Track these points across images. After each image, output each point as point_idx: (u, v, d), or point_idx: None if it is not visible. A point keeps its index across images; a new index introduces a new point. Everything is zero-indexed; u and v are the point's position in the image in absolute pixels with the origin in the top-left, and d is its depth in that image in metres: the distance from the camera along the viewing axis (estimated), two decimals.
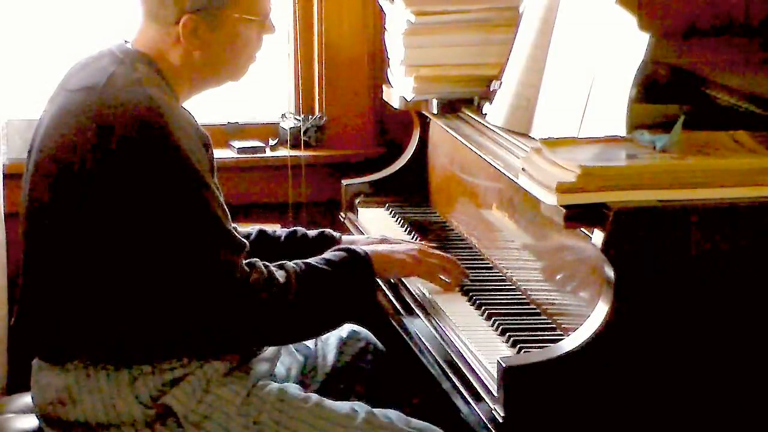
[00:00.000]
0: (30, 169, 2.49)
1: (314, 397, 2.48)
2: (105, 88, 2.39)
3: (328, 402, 2.47)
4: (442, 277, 2.66)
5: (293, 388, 2.50)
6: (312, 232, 2.85)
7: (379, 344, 2.88)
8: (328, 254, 2.52)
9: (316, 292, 2.45)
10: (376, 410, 2.48)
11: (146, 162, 2.33)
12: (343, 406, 2.47)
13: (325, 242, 2.80)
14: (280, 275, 2.42)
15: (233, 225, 2.74)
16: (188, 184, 2.34)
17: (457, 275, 2.67)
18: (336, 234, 2.86)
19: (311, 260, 2.49)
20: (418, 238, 3.00)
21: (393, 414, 2.48)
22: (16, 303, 2.53)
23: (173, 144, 2.33)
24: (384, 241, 2.80)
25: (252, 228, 2.82)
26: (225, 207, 2.41)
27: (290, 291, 2.41)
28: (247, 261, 2.40)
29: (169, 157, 2.33)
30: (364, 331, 2.88)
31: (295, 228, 2.86)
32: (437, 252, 2.71)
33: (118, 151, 2.33)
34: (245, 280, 2.37)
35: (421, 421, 2.50)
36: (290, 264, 2.46)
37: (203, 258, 2.34)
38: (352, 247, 2.56)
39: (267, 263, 2.43)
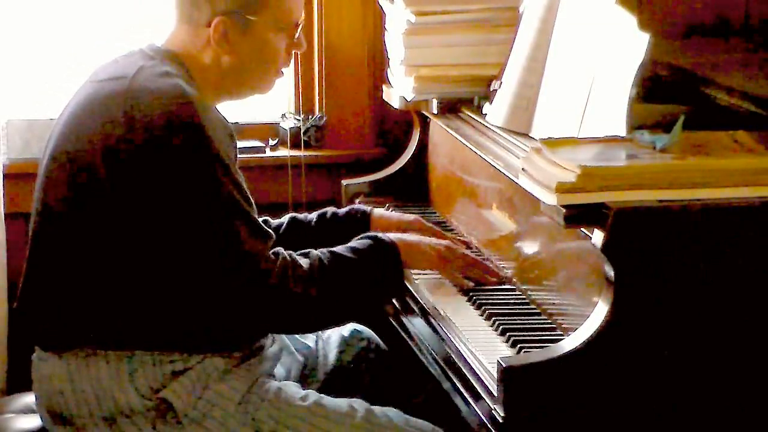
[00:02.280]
0: (48, 156, 2.49)
1: (313, 394, 2.48)
2: (134, 78, 2.41)
3: (327, 399, 2.47)
4: (465, 280, 2.66)
5: (292, 386, 2.51)
6: (341, 210, 2.87)
7: (381, 343, 2.88)
8: (354, 242, 2.53)
9: (340, 280, 2.45)
10: (374, 408, 2.48)
11: (172, 149, 2.34)
12: (341, 403, 2.47)
13: (356, 218, 2.83)
14: (304, 263, 2.43)
15: (266, 217, 2.77)
16: (213, 171, 2.35)
17: (484, 276, 2.67)
18: (366, 208, 2.88)
19: (337, 248, 2.50)
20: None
21: (392, 412, 2.49)
22: (18, 286, 2.53)
23: (201, 132, 2.34)
24: (417, 222, 2.83)
25: (284, 217, 2.85)
26: (250, 197, 2.43)
27: (315, 279, 2.42)
28: (271, 251, 2.41)
29: (196, 145, 2.34)
30: (366, 330, 2.88)
31: (325, 209, 2.88)
32: (465, 252, 2.71)
33: (145, 137, 2.34)
34: (270, 270, 2.37)
35: (419, 420, 2.51)
36: (315, 252, 2.47)
37: (225, 246, 2.35)
38: (379, 235, 2.56)
39: (291, 252, 2.44)
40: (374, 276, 2.51)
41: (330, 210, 2.87)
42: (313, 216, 2.86)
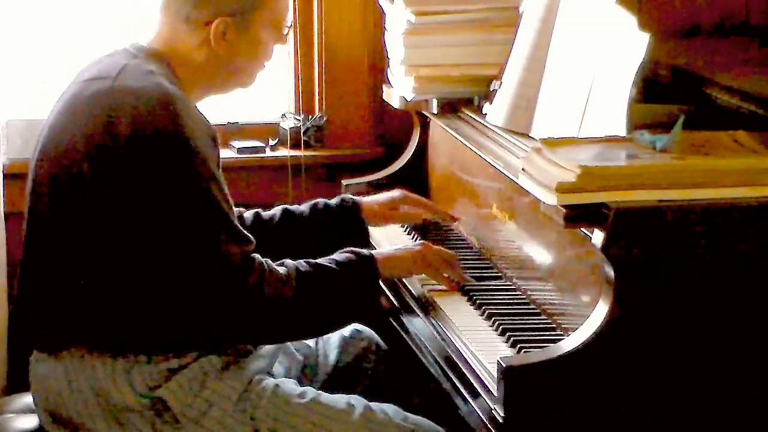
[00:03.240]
0: (36, 157, 2.49)
1: (311, 391, 2.48)
2: (117, 77, 2.41)
3: (325, 396, 2.47)
4: (446, 275, 2.66)
5: (290, 384, 2.50)
6: (333, 200, 2.89)
7: (382, 343, 2.88)
8: (334, 255, 2.53)
9: (316, 291, 2.45)
10: (372, 404, 2.48)
11: (155, 150, 2.33)
12: (339, 400, 2.47)
13: (347, 207, 2.86)
14: (281, 270, 2.42)
15: (257, 210, 2.75)
16: (195, 174, 2.35)
17: (461, 274, 2.67)
18: (356, 198, 2.92)
19: (316, 260, 2.50)
20: (418, 238, 3.00)
21: (390, 408, 2.48)
22: (14, 289, 2.53)
23: (183, 133, 2.34)
24: (403, 196, 2.92)
25: (275, 209, 2.87)
26: (231, 201, 2.43)
27: (290, 288, 2.41)
28: (248, 256, 2.40)
29: (178, 146, 2.34)
30: (367, 330, 2.88)
31: (316, 200, 2.89)
32: (440, 249, 2.71)
33: (128, 137, 2.34)
34: (247, 274, 2.37)
35: (417, 416, 2.50)
36: (291, 262, 2.47)
37: (204, 250, 2.35)
38: (358, 249, 2.56)
39: (268, 259, 2.43)
40: (350, 287, 2.50)
41: (321, 201, 2.89)
42: (305, 207, 2.87)
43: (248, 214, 2.84)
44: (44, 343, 2.46)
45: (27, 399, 2.64)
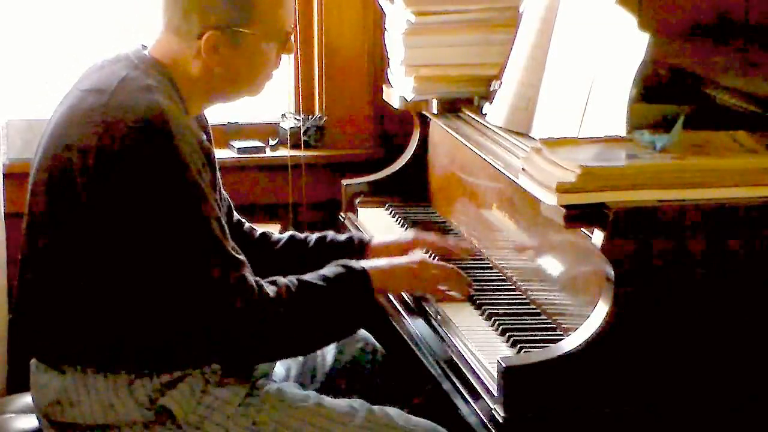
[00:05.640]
0: (34, 168, 2.48)
1: (313, 395, 2.48)
2: (115, 91, 2.39)
3: (328, 400, 2.47)
4: (443, 289, 2.62)
5: (292, 388, 2.50)
6: (341, 237, 2.84)
7: (377, 345, 2.87)
8: (325, 269, 2.50)
9: (307, 308, 2.42)
10: (375, 408, 2.47)
11: (147, 169, 2.32)
12: (342, 404, 2.47)
13: (353, 247, 2.81)
14: (271, 290, 2.40)
15: (266, 231, 2.73)
16: (186, 195, 2.33)
17: (461, 287, 2.63)
18: (365, 237, 2.86)
19: (306, 276, 2.47)
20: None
21: (393, 411, 2.48)
22: (12, 303, 2.53)
23: (176, 153, 2.32)
24: (416, 241, 2.80)
25: (285, 233, 2.85)
26: (223, 223, 2.40)
27: (280, 307, 2.39)
28: (238, 276, 2.37)
29: (170, 167, 2.32)
30: (362, 332, 2.87)
31: (326, 232, 2.86)
32: (440, 264, 2.67)
33: (120, 155, 2.32)
34: (232, 297, 2.34)
35: (420, 419, 2.50)
36: (282, 279, 2.44)
37: (193, 272, 2.32)
38: (351, 262, 2.53)
39: (259, 279, 2.41)
40: (342, 304, 2.47)
41: (330, 234, 2.84)
42: (312, 237, 2.83)
43: (258, 234, 2.82)
44: (44, 357, 2.45)
45: (27, 399, 2.64)
